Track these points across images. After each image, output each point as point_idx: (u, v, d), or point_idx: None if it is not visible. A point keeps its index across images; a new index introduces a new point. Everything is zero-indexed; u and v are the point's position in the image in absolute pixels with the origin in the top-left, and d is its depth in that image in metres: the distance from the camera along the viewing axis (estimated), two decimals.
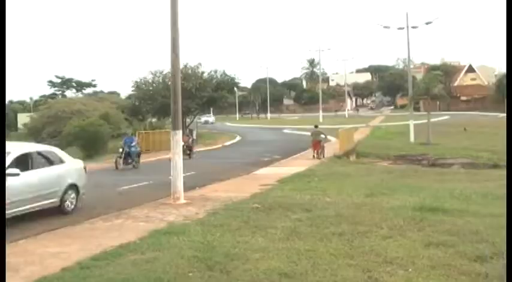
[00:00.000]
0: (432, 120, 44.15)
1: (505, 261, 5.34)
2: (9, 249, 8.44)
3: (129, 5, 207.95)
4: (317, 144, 27.85)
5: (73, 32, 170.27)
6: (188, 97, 40.57)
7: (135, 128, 42.05)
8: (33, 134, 56.66)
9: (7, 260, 7.62)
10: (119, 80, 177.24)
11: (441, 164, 27.73)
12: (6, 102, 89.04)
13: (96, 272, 6.80)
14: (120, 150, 25.16)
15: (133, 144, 25.33)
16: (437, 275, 6.45)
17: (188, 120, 47.46)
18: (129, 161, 24.89)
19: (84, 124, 40.80)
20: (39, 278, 6.71)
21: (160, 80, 48.42)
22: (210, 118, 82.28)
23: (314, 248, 7.75)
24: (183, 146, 29.38)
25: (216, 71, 51.88)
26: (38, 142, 22.83)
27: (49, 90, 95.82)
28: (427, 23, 44.37)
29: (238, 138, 52.42)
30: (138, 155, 25.77)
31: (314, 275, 6.51)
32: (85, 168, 13.85)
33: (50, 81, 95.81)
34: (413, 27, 43.28)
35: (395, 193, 13.99)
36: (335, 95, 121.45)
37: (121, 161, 24.57)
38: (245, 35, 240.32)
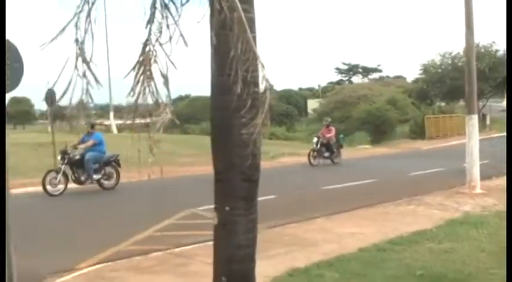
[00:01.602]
0: None
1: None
2: (307, 226, 9.15)
3: None
4: None
5: (360, 18, 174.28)
6: (480, 79, 38.23)
7: (423, 113, 41.23)
8: (322, 119, 59.64)
9: (305, 236, 8.28)
10: (405, 64, 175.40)
11: None
12: (296, 89, 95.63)
13: (393, 256, 6.80)
14: None
15: (89, 143, 14.45)
16: None
17: (480, 103, 44.81)
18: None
19: (371, 109, 41.57)
20: (338, 255, 6.95)
21: (449, 62, 46.73)
22: None
23: None
24: (317, 142, 20.99)
25: None
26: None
27: (336, 77, 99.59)
28: None
29: None
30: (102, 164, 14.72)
31: None
32: None
33: (337, 68, 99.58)
34: None
35: None
36: None
37: None
38: None
